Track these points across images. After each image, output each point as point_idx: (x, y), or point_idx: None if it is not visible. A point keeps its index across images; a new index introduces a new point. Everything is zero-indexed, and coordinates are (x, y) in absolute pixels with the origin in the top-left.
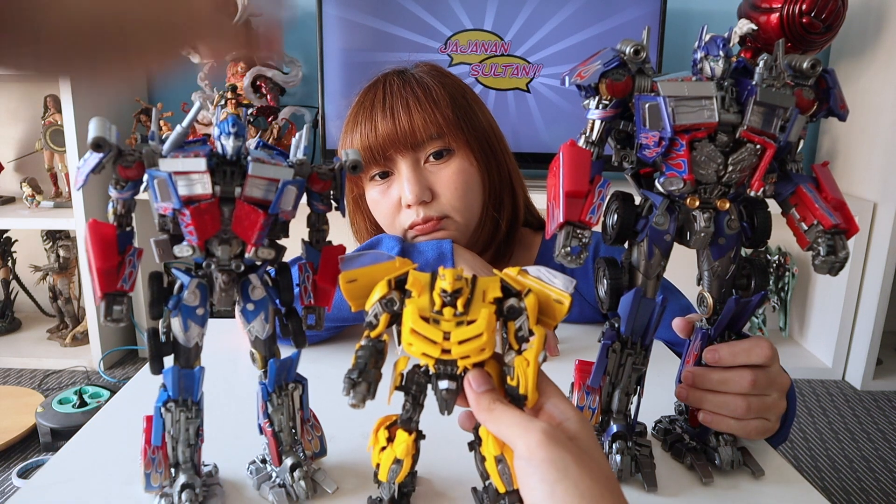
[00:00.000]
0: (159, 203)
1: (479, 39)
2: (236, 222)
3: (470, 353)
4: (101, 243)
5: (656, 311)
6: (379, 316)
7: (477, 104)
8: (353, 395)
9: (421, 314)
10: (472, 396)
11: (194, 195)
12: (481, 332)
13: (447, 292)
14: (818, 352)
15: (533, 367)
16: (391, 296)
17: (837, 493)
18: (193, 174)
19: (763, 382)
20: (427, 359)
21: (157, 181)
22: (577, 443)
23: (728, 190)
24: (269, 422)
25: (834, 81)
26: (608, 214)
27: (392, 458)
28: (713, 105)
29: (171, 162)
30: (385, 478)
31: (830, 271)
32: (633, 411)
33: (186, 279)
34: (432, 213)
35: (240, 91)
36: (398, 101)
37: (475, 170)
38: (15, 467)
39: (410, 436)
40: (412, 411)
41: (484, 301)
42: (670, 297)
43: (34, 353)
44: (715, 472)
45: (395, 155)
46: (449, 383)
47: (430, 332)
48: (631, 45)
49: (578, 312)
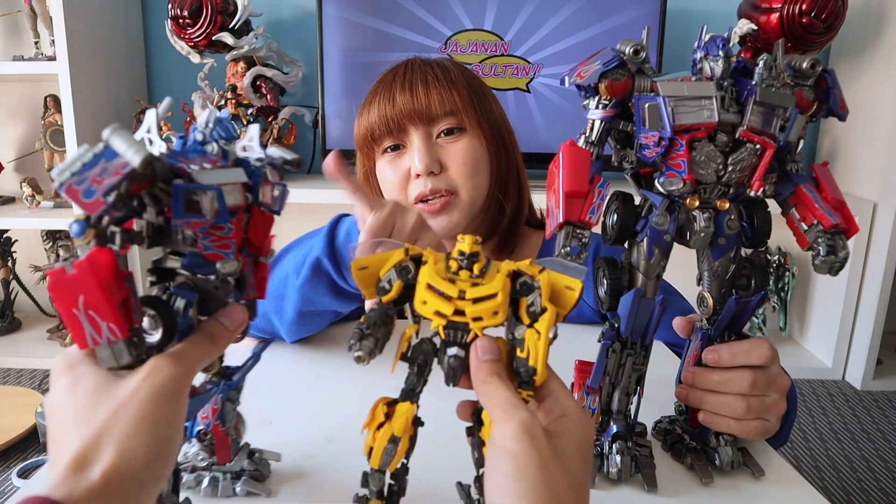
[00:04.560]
0: (189, 218)
1: (479, 39)
2: (253, 229)
3: (483, 314)
4: (107, 275)
5: (656, 311)
6: (392, 282)
7: (491, 96)
8: (359, 347)
9: (437, 274)
10: (474, 364)
11: (234, 206)
12: (496, 291)
13: (465, 254)
14: (818, 352)
15: (544, 339)
16: (407, 263)
17: (837, 493)
18: (233, 185)
19: (763, 383)
20: (439, 319)
21: (203, 196)
22: (560, 443)
23: (728, 190)
24: (222, 422)
25: (834, 81)
26: (608, 214)
27: (388, 435)
28: (713, 105)
29: (210, 174)
30: (377, 463)
31: (830, 271)
32: (633, 411)
33: (192, 296)
34: (440, 184)
35: (240, 91)
36: (418, 76)
37: (484, 150)
38: (15, 467)
39: (412, 405)
40: (416, 382)
41: (499, 273)
42: (670, 298)
43: (34, 353)
44: (715, 472)
45: (409, 126)
46: (458, 350)
47: (445, 286)
48: (631, 45)
49: (578, 312)
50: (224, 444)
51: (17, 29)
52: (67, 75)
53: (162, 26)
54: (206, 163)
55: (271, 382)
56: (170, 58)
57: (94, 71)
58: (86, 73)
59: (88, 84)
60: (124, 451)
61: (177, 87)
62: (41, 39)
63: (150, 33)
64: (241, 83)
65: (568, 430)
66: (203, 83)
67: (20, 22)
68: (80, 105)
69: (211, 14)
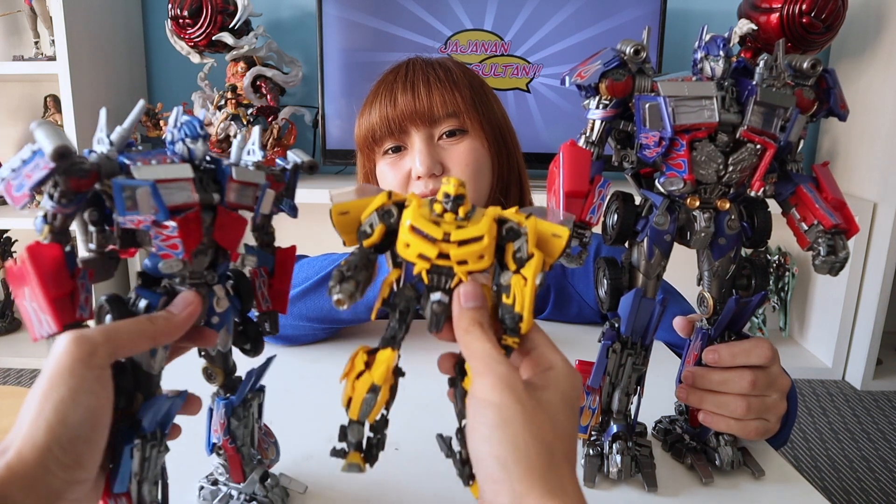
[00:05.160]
0: (132, 216)
1: (479, 39)
2: (219, 230)
3: (468, 257)
4: (48, 268)
5: (656, 311)
6: (374, 226)
7: (493, 98)
8: (339, 290)
9: (421, 216)
10: (456, 312)
11: (179, 204)
12: (482, 234)
13: (450, 196)
14: (818, 352)
15: (531, 284)
16: (389, 207)
17: (837, 493)
18: (178, 182)
19: (763, 383)
20: (422, 262)
21: (136, 192)
22: (545, 395)
23: (728, 190)
24: (231, 438)
25: (834, 81)
26: (608, 214)
27: (368, 384)
28: (713, 105)
29: (149, 169)
30: (356, 414)
31: (830, 271)
32: (633, 411)
33: (155, 298)
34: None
35: (240, 91)
36: (420, 77)
37: (486, 152)
38: None
39: (393, 352)
40: (397, 329)
41: (485, 217)
42: (671, 299)
43: (34, 353)
44: (715, 472)
45: (411, 128)
46: (442, 296)
47: (429, 228)
48: (631, 45)
49: (578, 312)
50: (235, 463)
51: (17, 29)
52: (67, 75)
53: (162, 26)
54: (155, 160)
55: (271, 382)
56: (170, 58)
57: (94, 71)
58: (86, 73)
59: (88, 84)
60: (26, 438)
61: (177, 87)
62: (41, 39)
63: (150, 33)
64: (241, 83)
65: (554, 382)
66: (203, 83)
67: (20, 22)
68: (80, 105)
69: (211, 14)
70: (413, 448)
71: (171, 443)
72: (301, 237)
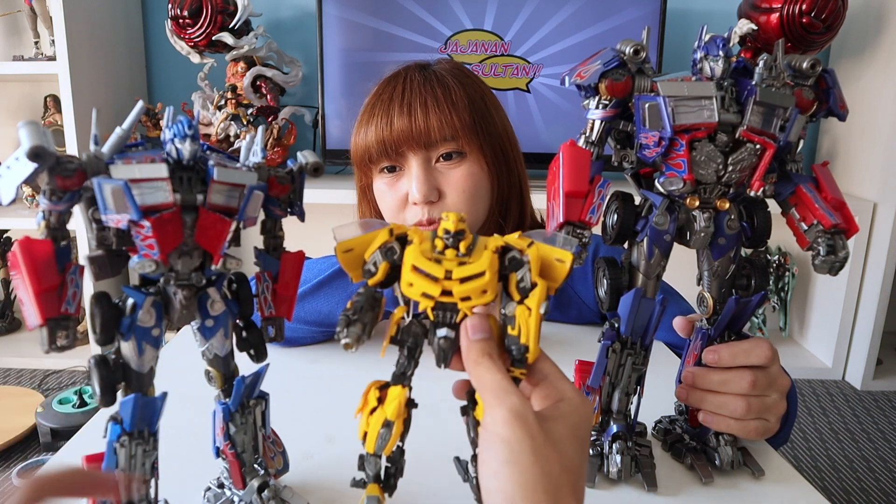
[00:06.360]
0: (110, 215)
1: (479, 39)
2: (200, 232)
3: (471, 293)
4: (36, 262)
5: (656, 311)
6: (378, 264)
7: (495, 108)
8: (347, 334)
9: (423, 255)
10: (464, 345)
11: (154, 204)
12: (484, 270)
13: (450, 232)
14: (818, 352)
15: (535, 315)
16: (392, 244)
17: (837, 493)
18: (153, 181)
19: (763, 383)
20: (426, 301)
21: (110, 190)
22: (555, 426)
23: (728, 190)
24: (231, 443)
25: (834, 81)
26: (608, 214)
27: (382, 420)
28: (713, 105)
29: (124, 168)
30: (372, 448)
31: (830, 271)
32: (633, 411)
33: (140, 298)
34: (438, 214)
35: (240, 91)
36: (417, 98)
37: (485, 174)
38: (15, 467)
39: (403, 389)
40: (406, 365)
41: (486, 249)
42: (671, 299)
43: (34, 353)
44: (715, 472)
45: (408, 152)
46: (447, 331)
47: (431, 268)
48: (631, 45)
49: (578, 313)
50: (235, 468)
51: (17, 29)
52: (67, 75)
53: (162, 26)
54: (137, 159)
55: (271, 382)
56: (170, 58)
57: (94, 71)
58: (86, 73)
59: (88, 84)
60: None
61: (177, 87)
62: (41, 39)
63: (150, 33)
64: (241, 83)
65: (565, 414)
66: (203, 83)
67: (20, 22)
68: (80, 105)
69: (211, 14)
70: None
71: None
72: (301, 237)
